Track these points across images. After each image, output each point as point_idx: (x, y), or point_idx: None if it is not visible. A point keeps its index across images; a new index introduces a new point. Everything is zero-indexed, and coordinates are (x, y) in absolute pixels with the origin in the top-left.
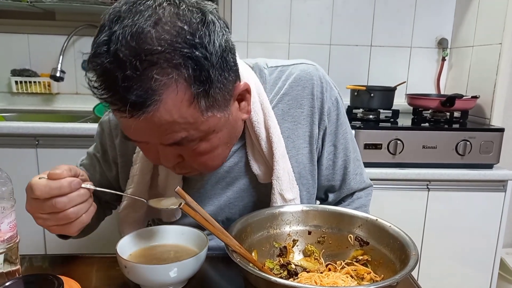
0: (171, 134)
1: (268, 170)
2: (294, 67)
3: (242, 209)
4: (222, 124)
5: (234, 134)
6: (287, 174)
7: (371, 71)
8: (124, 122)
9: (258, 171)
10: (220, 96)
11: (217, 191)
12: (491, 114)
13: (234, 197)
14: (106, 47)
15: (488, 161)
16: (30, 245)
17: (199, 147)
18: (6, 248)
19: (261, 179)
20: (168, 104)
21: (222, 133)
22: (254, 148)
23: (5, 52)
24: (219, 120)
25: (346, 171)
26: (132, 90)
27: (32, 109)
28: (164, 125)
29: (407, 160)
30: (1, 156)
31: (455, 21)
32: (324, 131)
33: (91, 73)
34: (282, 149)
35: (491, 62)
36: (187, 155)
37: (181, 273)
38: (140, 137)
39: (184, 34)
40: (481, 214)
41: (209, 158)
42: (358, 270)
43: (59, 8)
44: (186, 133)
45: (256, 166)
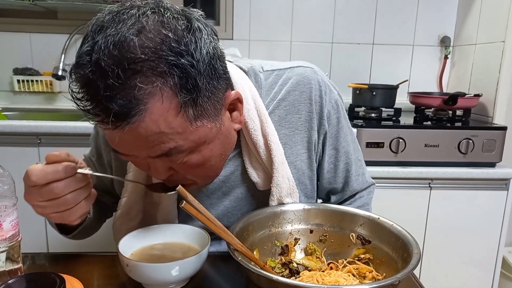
0: (158, 145)
1: (267, 177)
2: (291, 71)
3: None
4: (214, 135)
5: (228, 145)
6: (287, 180)
7: (373, 69)
8: (109, 135)
9: (257, 178)
10: (209, 105)
11: (214, 200)
12: (494, 113)
13: (231, 206)
14: (89, 57)
15: (491, 160)
16: (32, 244)
17: (190, 160)
18: (8, 247)
19: (260, 186)
20: (153, 113)
21: (214, 144)
22: (252, 156)
23: (7, 51)
24: (210, 130)
25: (349, 173)
26: (115, 100)
27: (34, 108)
28: (151, 136)
29: (409, 158)
30: (3, 155)
31: (458, 19)
32: (324, 135)
33: (74, 84)
34: (281, 156)
35: (494, 60)
36: (178, 167)
37: (183, 271)
38: (127, 150)
39: (168, 42)
40: (484, 212)
41: (202, 171)
42: (360, 268)
43: (61, 7)
44: (175, 143)
45: (254, 173)
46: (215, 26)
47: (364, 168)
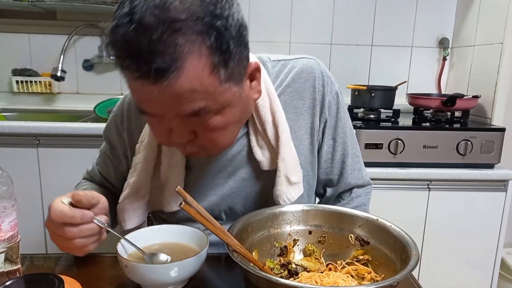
0: (189, 103)
1: (272, 157)
2: (296, 61)
3: (244, 199)
4: (236, 100)
5: (245, 112)
6: (292, 158)
7: (372, 71)
8: (144, 92)
9: (261, 157)
10: (237, 69)
11: (219, 181)
12: (492, 114)
13: (236, 187)
14: (129, 18)
15: (489, 161)
16: (31, 245)
17: (213, 121)
18: (7, 248)
19: (264, 165)
20: (190, 71)
21: (235, 109)
22: (258, 134)
23: (6, 52)
24: (234, 94)
25: (344, 165)
26: (157, 56)
27: (33, 109)
28: (184, 93)
29: (408, 159)
30: (2, 156)
31: (456, 20)
32: (324, 123)
33: (111, 46)
34: (288, 134)
35: (492, 61)
36: (201, 130)
37: (181, 272)
38: (157, 109)
39: (206, 5)
40: (482, 214)
41: (221, 134)
42: (358, 269)
43: (60, 8)
44: (204, 103)
45: (260, 152)
46: None
47: (362, 165)
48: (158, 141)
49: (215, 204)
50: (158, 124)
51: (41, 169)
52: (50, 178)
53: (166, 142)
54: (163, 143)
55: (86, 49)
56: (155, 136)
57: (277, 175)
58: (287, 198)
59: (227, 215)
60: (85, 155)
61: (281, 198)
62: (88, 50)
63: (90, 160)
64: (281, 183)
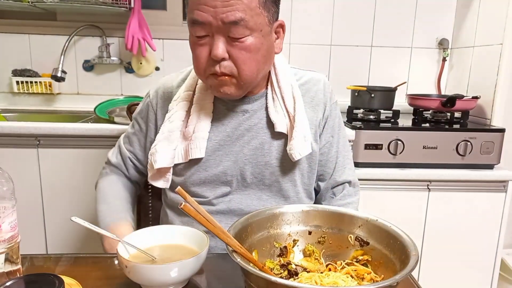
0: (234, 11)
1: (285, 121)
2: (307, 72)
3: (254, 167)
4: (266, 33)
5: (269, 56)
6: (306, 121)
7: (371, 72)
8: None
9: (276, 119)
10: (272, 6)
11: (235, 148)
12: (492, 115)
13: (249, 155)
14: None
15: (489, 162)
16: (31, 245)
17: (246, 41)
18: (7, 248)
19: (278, 127)
20: None
21: (264, 42)
22: (275, 100)
23: (6, 52)
24: (266, 24)
25: (337, 160)
26: None
27: (33, 109)
28: (233, 0)
29: (407, 160)
30: (2, 156)
31: (456, 21)
32: (326, 120)
33: None
34: (302, 104)
35: (492, 62)
36: (235, 49)
37: (181, 273)
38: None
39: None
40: (482, 214)
41: (249, 58)
42: (358, 270)
43: (60, 9)
44: (244, 15)
45: (275, 115)
46: None
47: (352, 166)
48: (198, 64)
49: (229, 169)
50: (201, 42)
51: (42, 169)
52: (50, 178)
53: (205, 62)
54: (202, 64)
55: (86, 49)
56: (195, 60)
57: (294, 131)
58: (298, 153)
59: (238, 182)
60: (85, 156)
61: (294, 152)
62: (88, 51)
63: (90, 160)
64: (296, 139)
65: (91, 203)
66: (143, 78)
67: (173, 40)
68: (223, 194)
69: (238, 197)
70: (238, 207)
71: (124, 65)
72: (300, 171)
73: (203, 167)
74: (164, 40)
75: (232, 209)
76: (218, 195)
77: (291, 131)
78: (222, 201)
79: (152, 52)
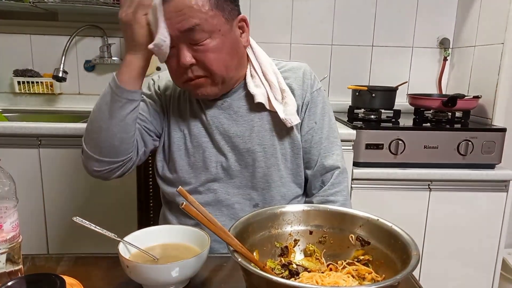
0: (187, 19)
1: (265, 94)
2: (288, 62)
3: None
4: (226, 31)
5: (236, 50)
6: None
7: (372, 71)
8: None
9: (255, 91)
10: (226, 5)
11: (217, 136)
12: (493, 114)
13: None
14: None
15: (490, 161)
16: (32, 245)
17: (208, 44)
18: (9, 248)
19: (258, 98)
20: None
21: (226, 40)
22: (254, 77)
23: (8, 53)
24: (223, 23)
25: (322, 146)
26: None
27: (35, 109)
28: (185, 9)
29: (408, 160)
30: (3, 156)
31: (457, 21)
32: (307, 107)
33: None
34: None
35: (493, 62)
36: (200, 53)
37: (182, 272)
38: (171, 29)
39: None
40: (483, 214)
41: (216, 58)
42: (359, 270)
43: (62, 9)
44: (198, 20)
45: (254, 88)
46: None
47: (339, 151)
48: (173, 75)
49: (213, 155)
50: (170, 55)
51: (43, 169)
52: (52, 178)
53: (178, 71)
54: (176, 74)
55: (88, 50)
56: (170, 71)
57: (285, 100)
58: (291, 120)
59: (223, 169)
60: None
61: (291, 118)
62: (89, 51)
63: None
64: (289, 106)
65: (92, 203)
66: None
67: None
68: (207, 180)
69: (223, 185)
70: (225, 196)
71: None
72: (284, 156)
73: (190, 152)
74: None
75: (219, 199)
76: (203, 181)
77: (278, 103)
78: (208, 189)
79: None
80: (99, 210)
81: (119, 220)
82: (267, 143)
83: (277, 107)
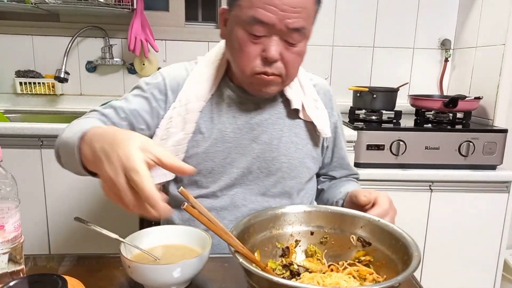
0: (298, 18)
1: (301, 99)
2: (311, 74)
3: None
4: (307, 41)
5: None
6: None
7: (373, 72)
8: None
9: (292, 96)
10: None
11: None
12: (494, 115)
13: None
14: None
15: (492, 162)
16: (34, 245)
17: (299, 46)
18: (11, 248)
19: (295, 104)
20: None
21: (305, 49)
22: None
23: (10, 53)
24: (309, 35)
25: (344, 162)
26: None
27: (37, 110)
28: (299, 7)
29: (409, 161)
30: (5, 157)
31: (458, 22)
32: (334, 126)
33: None
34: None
35: (494, 63)
36: (288, 53)
37: (184, 273)
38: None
39: None
40: (485, 215)
41: (296, 62)
42: (360, 270)
43: (63, 10)
44: (305, 23)
45: (290, 91)
46: (216, 29)
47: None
48: (246, 62)
49: (236, 161)
50: (255, 41)
51: (45, 170)
52: (54, 179)
53: (254, 60)
54: (252, 62)
55: (89, 50)
56: (244, 57)
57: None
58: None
59: (244, 175)
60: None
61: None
62: (91, 52)
63: None
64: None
65: (94, 203)
66: None
67: (175, 41)
68: (227, 185)
69: (241, 191)
70: (242, 202)
71: (126, 66)
72: (308, 169)
73: (211, 157)
74: (166, 41)
75: (236, 205)
76: (222, 187)
77: (312, 112)
78: (226, 195)
79: (154, 53)
80: (101, 210)
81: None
82: (293, 155)
83: (313, 116)
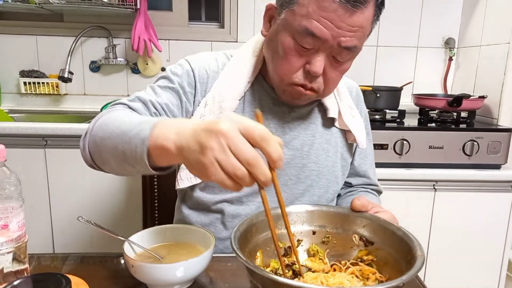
0: (352, 37)
1: (336, 108)
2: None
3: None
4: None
5: None
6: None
7: (377, 71)
8: (330, 13)
9: (329, 104)
10: None
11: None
12: (499, 114)
13: (288, 155)
14: None
15: (496, 162)
16: (38, 244)
17: (345, 64)
18: (15, 247)
19: (331, 113)
20: (369, 10)
21: (349, 67)
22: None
23: (14, 54)
24: (359, 52)
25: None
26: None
27: (41, 110)
28: (355, 26)
29: (413, 160)
30: (10, 157)
31: (462, 20)
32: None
33: None
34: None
35: (498, 61)
36: (331, 69)
37: (187, 272)
38: (328, 32)
39: None
40: (489, 214)
41: (338, 78)
42: (363, 270)
43: (67, 10)
44: (358, 43)
45: (327, 100)
46: (219, 29)
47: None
48: (287, 72)
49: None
50: (302, 52)
51: (49, 169)
52: (57, 178)
53: (296, 71)
54: (292, 72)
55: (93, 50)
56: (286, 66)
57: (356, 122)
58: (362, 143)
59: (293, 181)
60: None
61: (360, 142)
62: (95, 52)
63: None
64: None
65: (98, 203)
66: (149, 79)
67: (178, 41)
68: (253, 191)
69: (268, 198)
70: None
71: (130, 66)
72: (336, 179)
73: None
74: (170, 41)
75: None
76: (248, 193)
77: (350, 120)
78: (252, 201)
79: (158, 53)
80: (105, 210)
81: (124, 219)
82: (322, 163)
83: (350, 125)
